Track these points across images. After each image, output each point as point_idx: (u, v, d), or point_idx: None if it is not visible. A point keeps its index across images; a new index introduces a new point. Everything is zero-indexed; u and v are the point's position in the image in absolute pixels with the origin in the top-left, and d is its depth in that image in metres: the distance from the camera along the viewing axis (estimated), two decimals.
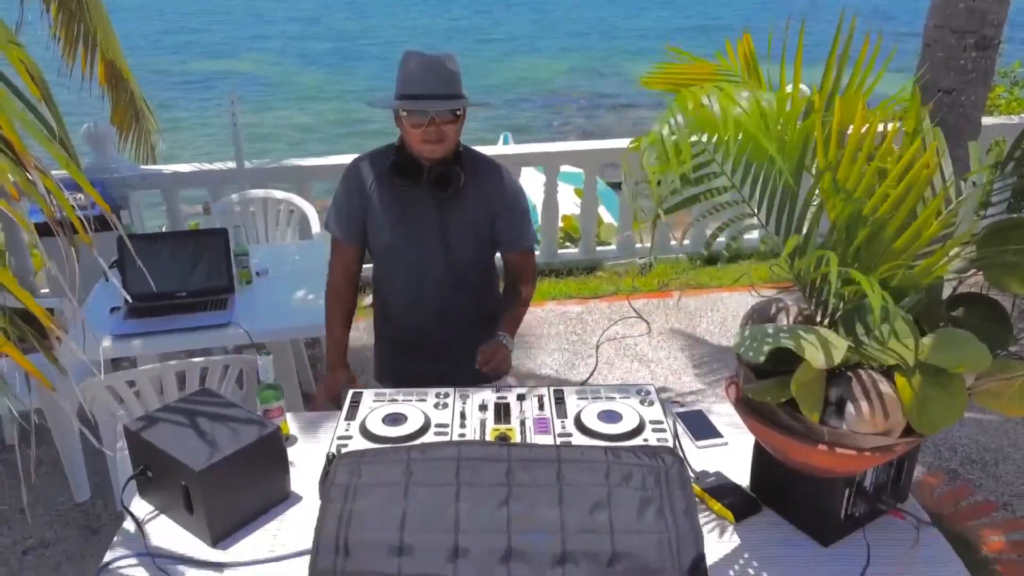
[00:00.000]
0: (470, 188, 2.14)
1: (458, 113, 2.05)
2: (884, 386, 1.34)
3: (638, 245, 5.15)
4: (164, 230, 4.75)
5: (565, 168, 5.14)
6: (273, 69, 20.45)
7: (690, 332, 4.29)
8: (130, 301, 2.83)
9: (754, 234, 5.06)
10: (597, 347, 4.13)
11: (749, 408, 1.47)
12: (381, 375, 2.44)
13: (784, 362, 1.35)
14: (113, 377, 2.37)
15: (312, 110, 16.39)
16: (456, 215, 2.16)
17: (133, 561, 1.52)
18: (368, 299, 4.72)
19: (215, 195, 4.50)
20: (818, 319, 1.52)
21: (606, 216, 6.22)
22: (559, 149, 5.12)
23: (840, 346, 1.30)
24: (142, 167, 4.54)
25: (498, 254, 2.33)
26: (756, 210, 1.55)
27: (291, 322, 2.90)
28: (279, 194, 4.02)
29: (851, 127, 1.39)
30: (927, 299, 1.51)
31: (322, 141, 13.88)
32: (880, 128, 1.42)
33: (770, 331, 1.38)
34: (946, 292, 1.55)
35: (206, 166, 4.61)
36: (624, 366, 3.97)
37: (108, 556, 1.53)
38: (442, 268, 2.20)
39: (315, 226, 3.89)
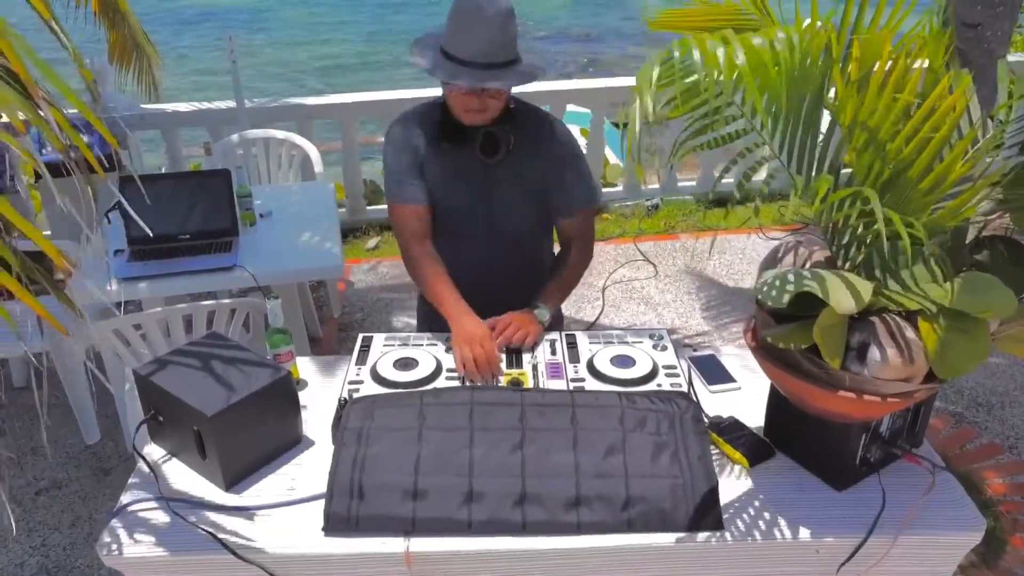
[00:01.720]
0: (524, 146, 1.93)
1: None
2: (908, 331, 1.32)
3: (644, 187, 5.08)
4: (164, 171, 4.68)
5: (571, 108, 5.04)
6: (264, 3, 19.91)
7: (697, 274, 4.26)
8: (122, 249, 2.80)
9: (763, 175, 4.99)
10: (603, 290, 4.10)
11: (767, 353, 1.45)
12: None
13: (804, 307, 1.32)
14: (120, 320, 2.35)
15: (308, 47, 16.04)
16: (506, 179, 1.96)
17: (147, 505, 1.52)
18: (372, 241, 4.70)
19: (214, 136, 4.42)
20: (838, 263, 1.49)
21: (612, 157, 6.12)
22: (564, 87, 5.01)
23: (865, 290, 1.27)
24: (142, 106, 4.45)
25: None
26: (778, 151, 1.50)
27: (296, 264, 2.87)
28: (279, 134, 3.93)
29: (875, 65, 1.33)
30: (951, 242, 1.47)
31: (319, 78, 13.63)
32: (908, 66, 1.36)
33: (792, 275, 1.35)
34: (970, 235, 1.51)
35: (206, 105, 4.52)
36: (631, 309, 3.95)
37: (122, 499, 1.53)
38: (484, 240, 2.01)
39: (317, 166, 3.82)
